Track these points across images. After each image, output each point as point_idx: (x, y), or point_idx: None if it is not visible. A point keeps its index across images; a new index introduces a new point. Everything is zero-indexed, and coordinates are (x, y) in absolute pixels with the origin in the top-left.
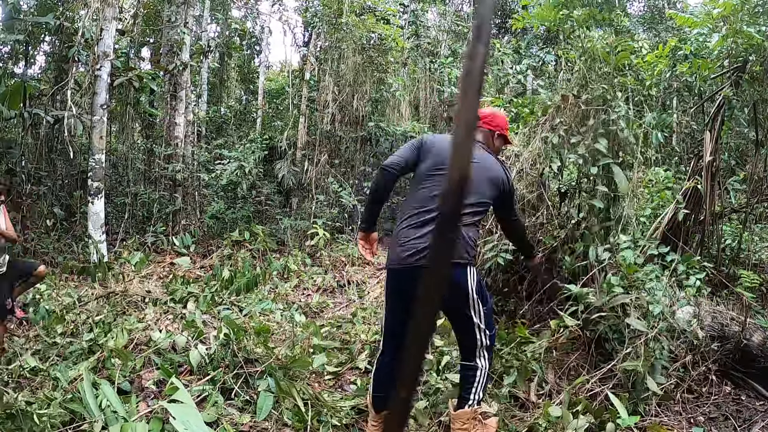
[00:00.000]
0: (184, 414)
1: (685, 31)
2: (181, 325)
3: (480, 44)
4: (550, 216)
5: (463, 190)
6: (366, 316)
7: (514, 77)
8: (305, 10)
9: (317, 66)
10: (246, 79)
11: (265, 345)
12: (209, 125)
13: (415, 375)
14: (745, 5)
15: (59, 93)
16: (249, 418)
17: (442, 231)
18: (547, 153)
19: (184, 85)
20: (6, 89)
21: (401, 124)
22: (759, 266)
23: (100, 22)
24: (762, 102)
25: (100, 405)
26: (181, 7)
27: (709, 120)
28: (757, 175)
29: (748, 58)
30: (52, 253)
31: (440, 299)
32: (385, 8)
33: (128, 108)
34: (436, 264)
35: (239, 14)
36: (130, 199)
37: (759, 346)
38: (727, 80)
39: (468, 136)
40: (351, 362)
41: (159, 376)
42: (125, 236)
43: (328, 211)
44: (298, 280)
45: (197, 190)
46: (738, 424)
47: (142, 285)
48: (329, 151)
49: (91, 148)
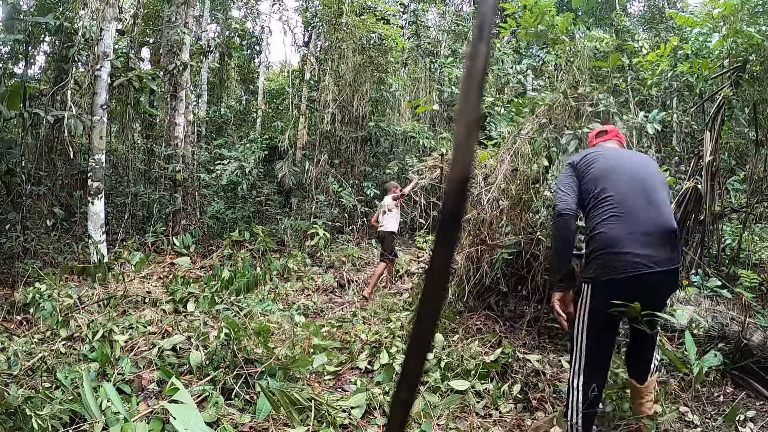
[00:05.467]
0: (185, 414)
1: (685, 31)
2: (181, 326)
3: (482, 44)
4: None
5: (464, 190)
6: (366, 316)
7: (514, 77)
8: (305, 10)
9: (317, 66)
10: (246, 79)
11: (265, 345)
12: (209, 125)
13: (416, 376)
14: (745, 5)
15: (59, 93)
16: (249, 418)
17: (444, 231)
18: (538, 152)
19: (184, 85)
20: (6, 89)
21: (401, 124)
22: (759, 266)
23: (100, 22)
24: (762, 102)
25: (101, 405)
26: (181, 7)
27: (709, 120)
28: (757, 175)
29: (748, 58)
30: (52, 253)
31: (443, 299)
32: (385, 8)
33: (128, 108)
34: (437, 264)
35: (239, 14)
36: (130, 199)
37: (759, 346)
38: (727, 80)
39: (469, 136)
40: (351, 362)
41: (159, 377)
42: (125, 236)
43: (328, 211)
44: (298, 280)
45: (197, 190)
46: (738, 424)
47: (142, 285)
48: (329, 151)
49: (91, 148)
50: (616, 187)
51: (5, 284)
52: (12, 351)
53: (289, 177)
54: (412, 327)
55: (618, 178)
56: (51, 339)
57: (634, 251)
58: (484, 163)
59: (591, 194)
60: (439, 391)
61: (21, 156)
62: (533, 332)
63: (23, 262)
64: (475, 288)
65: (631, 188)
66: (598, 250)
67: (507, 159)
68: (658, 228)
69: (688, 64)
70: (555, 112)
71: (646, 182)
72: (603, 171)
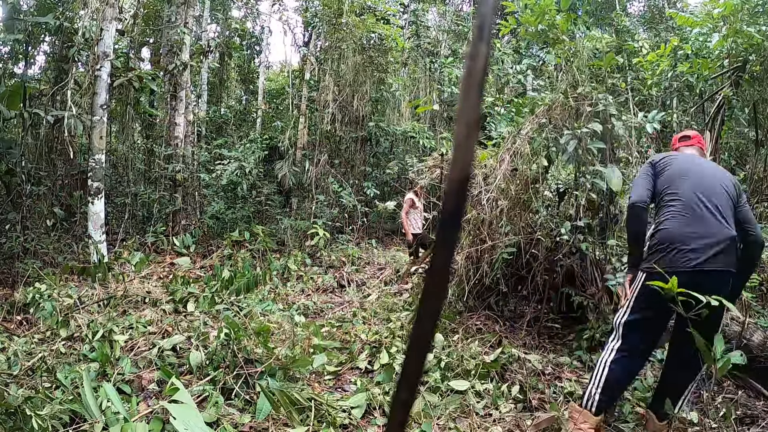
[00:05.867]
0: (185, 414)
1: (685, 31)
2: (181, 326)
3: (482, 44)
4: (549, 216)
5: (464, 190)
6: (366, 316)
7: (514, 77)
8: (305, 10)
9: (317, 66)
10: (246, 79)
11: (265, 345)
12: (209, 125)
13: (417, 376)
14: (745, 5)
15: (59, 93)
16: (249, 418)
17: (444, 231)
18: (537, 152)
19: (184, 85)
20: (6, 89)
21: (401, 124)
22: (759, 266)
23: (100, 22)
24: (762, 102)
25: (101, 405)
26: (181, 7)
27: (709, 120)
28: (757, 175)
29: (748, 58)
30: (52, 253)
31: (443, 299)
32: (385, 8)
33: (128, 108)
34: (437, 264)
35: (239, 14)
36: (130, 199)
37: (759, 346)
38: (727, 80)
39: (469, 136)
40: (351, 362)
41: (159, 377)
42: (125, 236)
43: (328, 211)
44: (298, 281)
45: (197, 190)
46: (738, 424)
47: (142, 285)
48: (329, 151)
49: (91, 148)
50: (685, 190)
51: (5, 284)
52: (12, 351)
53: (289, 177)
54: (412, 327)
55: (688, 182)
56: (51, 339)
57: (692, 247)
58: (484, 163)
59: (662, 193)
60: (439, 391)
61: (21, 156)
62: (533, 332)
63: (23, 262)
64: (474, 288)
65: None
66: (659, 245)
67: (507, 159)
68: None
69: (688, 64)
70: (554, 112)
71: (714, 190)
72: (676, 173)
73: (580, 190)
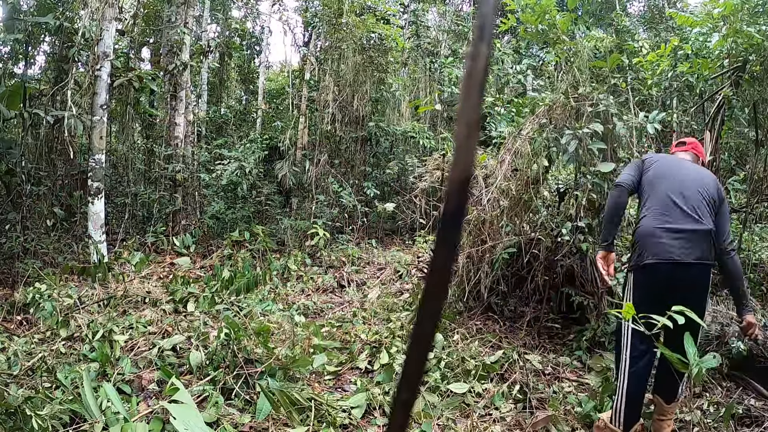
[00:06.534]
0: (185, 414)
1: (685, 31)
2: (181, 326)
3: (482, 44)
4: (550, 216)
5: (464, 191)
6: (366, 316)
7: (514, 77)
8: (305, 10)
9: (317, 66)
10: (246, 79)
11: (265, 345)
12: (209, 125)
13: (417, 377)
14: (745, 5)
15: (59, 93)
16: (249, 418)
17: (445, 231)
18: (538, 152)
19: (184, 85)
20: (6, 89)
21: (401, 124)
22: (759, 266)
23: (100, 22)
24: (762, 102)
25: (101, 405)
26: (181, 7)
27: (709, 120)
28: (757, 175)
29: (748, 58)
30: (52, 253)
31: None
32: (385, 8)
33: (128, 108)
34: (438, 264)
35: (239, 14)
36: (130, 199)
37: (759, 346)
38: (727, 80)
39: (470, 136)
40: (351, 362)
41: (159, 377)
42: (125, 236)
43: (328, 211)
44: (298, 281)
45: (197, 190)
46: (738, 424)
47: (142, 285)
48: (329, 151)
49: (91, 148)
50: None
51: (5, 284)
52: (12, 351)
53: (289, 177)
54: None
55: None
56: (51, 339)
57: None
58: (485, 163)
59: (642, 191)
60: (439, 391)
61: (21, 156)
62: (533, 332)
63: (23, 262)
64: (475, 288)
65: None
66: (638, 239)
67: (507, 159)
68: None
69: (688, 64)
70: (555, 112)
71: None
72: (659, 173)
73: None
